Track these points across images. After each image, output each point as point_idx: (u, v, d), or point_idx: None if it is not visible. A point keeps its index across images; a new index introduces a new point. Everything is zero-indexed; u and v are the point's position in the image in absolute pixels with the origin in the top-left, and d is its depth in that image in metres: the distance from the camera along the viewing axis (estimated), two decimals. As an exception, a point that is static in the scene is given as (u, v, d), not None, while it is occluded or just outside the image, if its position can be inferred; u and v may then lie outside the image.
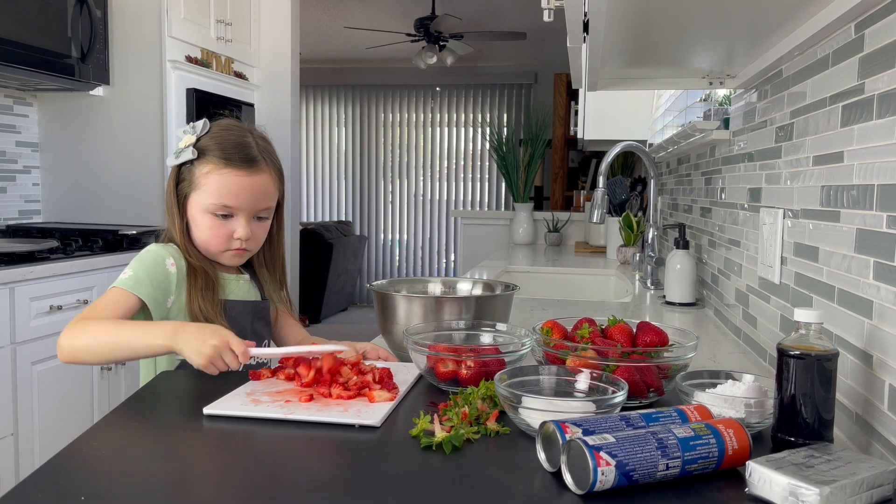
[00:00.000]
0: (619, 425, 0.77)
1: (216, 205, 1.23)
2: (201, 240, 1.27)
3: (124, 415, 0.94)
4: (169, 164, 1.26)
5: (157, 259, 1.23)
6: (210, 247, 1.27)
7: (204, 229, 1.25)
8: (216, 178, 1.23)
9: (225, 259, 1.29)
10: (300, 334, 1.44)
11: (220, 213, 1.24)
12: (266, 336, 1.36)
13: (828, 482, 0.66)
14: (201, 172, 1.24)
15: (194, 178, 1.24)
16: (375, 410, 0.92)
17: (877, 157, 0.87)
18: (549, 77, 6.78)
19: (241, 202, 1.24)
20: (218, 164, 1.23)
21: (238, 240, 1.25)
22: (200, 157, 1.24)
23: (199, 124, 1.27)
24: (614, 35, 1.22)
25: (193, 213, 1.26)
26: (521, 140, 4.91)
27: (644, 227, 2.64)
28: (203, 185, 1.24)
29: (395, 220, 7.79)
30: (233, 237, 1.25)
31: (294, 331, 1.44)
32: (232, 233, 1.25)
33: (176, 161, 1.25)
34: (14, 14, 2.38)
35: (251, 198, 1.25)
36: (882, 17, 0.86)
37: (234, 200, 1.24)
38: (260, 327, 1.33)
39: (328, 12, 5.87)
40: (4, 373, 2.12)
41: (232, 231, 1.25)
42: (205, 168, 1.24)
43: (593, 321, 1.09)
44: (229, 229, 1.25)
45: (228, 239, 1.26)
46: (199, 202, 1.25)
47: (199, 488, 0.73)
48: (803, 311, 0.82)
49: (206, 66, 3.20)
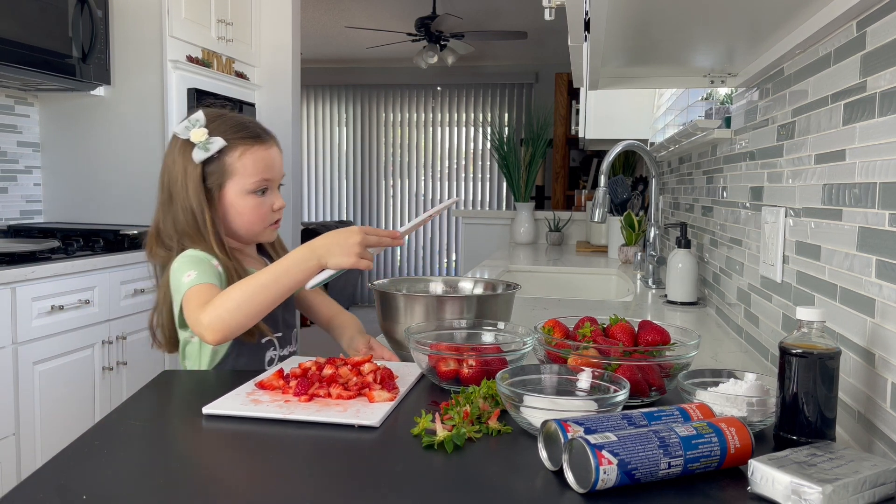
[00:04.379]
0: (621, 424, 0.77)
1: (257, 182, 1.27)
2: (245, 223, 1.29)
3: (125, 414, 0.94)
4: (197, 159, 1.24)
5: (204, 258, 1.22)
6: (255, 227, 1.30)
7: (248, 212, 1.27)
8: (251, 157, 1.26)
9: (267, 235, 1.33)
10: (325, 300, 1.49)
11: (260, 190, 1.28)
12: (292, 323, 1.39)
13: (830, 480, 0.66)
14: (233, 158, 1.25)
15: (226, 166, 1.25)
16: (375, 410, 0.92)
17: (879, 155, 0.86)
18: (550, 76, 6.78)
19: (273, 173, 1.29)
20: (246, 145, 1.26)
21: (277, 211, 1.31)
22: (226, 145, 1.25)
23: (198, 116, 1.27)
24: (615, 33, 1.22)
25: (232, 201, 1.27)
26: (522, 139, 4.91)
27: (645, 226, 2.64)
28: (239, 169, 1.26)
29: (395, 219, 7.79)
30: (272, 210, 1.30)
31: (319, 298, 1.49)
32: (271, 205, 1.30)
33: (206, 154, 1.24)
34: (15, 14, 2.39)
35: (279, 167, 1.31)
36: (884, 15, 0.86)
37: (270, 173, 1.28)
38: (288, 316, 1.37)
39: (329, 12, 5.87)
40: (6, 373, 2.12)
41: (271, 203, 1.30)
42: (235, 153, 1.25)
43: (595, 320, 1.09)
44: (269, 203, 1.30)
45: (269, 213, 1.30)
46: (238, 187, 1.26)
47: (198, 488, 0.73)
48: (805, 309, 0.82)
49: (207, 66, 3.20)
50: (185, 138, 1.25)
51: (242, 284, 1.12)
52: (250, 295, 1.10)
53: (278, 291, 1.12)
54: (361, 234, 1.09)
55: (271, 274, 1.12)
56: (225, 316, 1.09)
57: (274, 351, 1.31)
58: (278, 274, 1.11)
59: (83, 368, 2.43)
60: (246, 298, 1.10)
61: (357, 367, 1.04)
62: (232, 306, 1.10)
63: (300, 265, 1.11)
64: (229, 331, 1.11)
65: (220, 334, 1.10)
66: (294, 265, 1.11)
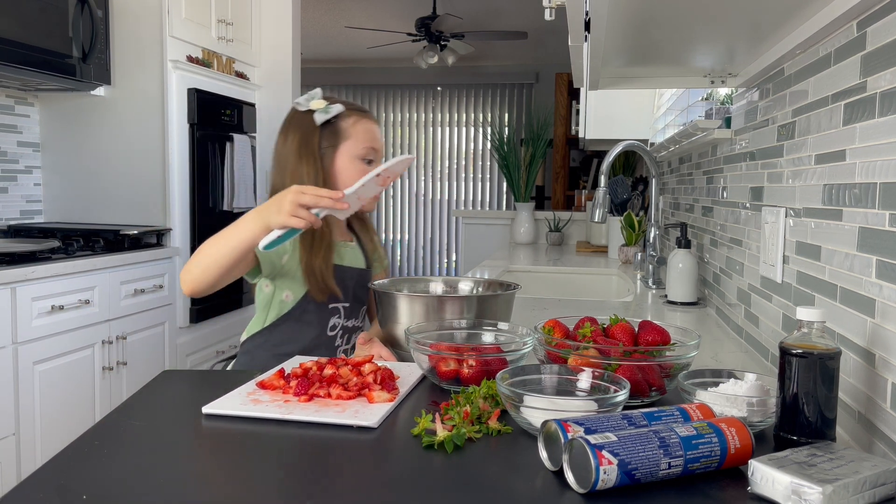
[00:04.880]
0: (622, 424, 0.77)
1: (367, 149, 1.40)
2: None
3: (125, 414, 0.94)
4: (319, 121, 1.38)
5: None
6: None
7: (357, 175, 1.35)
8: (363, 126, 1.41)
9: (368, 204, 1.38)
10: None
11: (367, 159, 1.41)
12: (363, 299, 1.48)
13: (830, 481, 0.66)
14: (348, 124, 1.40)
15: (342, 130, 1.40)
16: (374, 411, 0.92)
17: (879, 156, 0.86)
18: (550, 76, 6.78)
19: (379, 146, 1.44)
20: (359, 115, 1.42)
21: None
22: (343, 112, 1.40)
23: (315, 91, 1.43)
24: (616, 33, 1.22)
25: (342, 164, 1.39)
26: (522, 139, 4.91)
27: (645, 226, 2.64)
28: (353, 134, 1.40)
29: (396, 219, 7.79)
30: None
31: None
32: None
33: (326, 116, 1.38)
34: (15, 14, 2.39)
35: (382, 144, 1.46)
36: (884, 15, 0.86)
37: (377, 143, 1.43)
38: (362, 293, 1.48)
39: (329, 12, 5.87)
40: (6, 373, 2.12)
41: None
42: (350, 119, 1.41)
43: (595, 320, 1.09)
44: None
45: None
46: (350, 151, 1.39)
47: (198, 487, 0.73)
48: (805, 309, 0.82)
49: (207, 66, 3.20)
50: (304, 109, 1.40)
51: (206, 246, 1.22)
52: (206, 251, 1.21)
53: (227, 247, 1.19)
54: (295, 193, 1.13)
55: (223, 232, 1.21)
56: (190, 269, 1.22)
57: (338, 318, 1.40)
58: (229, 232, 1.20)
59: (83, 368, 2.43)
60: (203, 255, 1.21)
61: (357, 367, 1.04)
62: (193, 262, 1.22)
63: (246, 223, 1.18)
64: (194, 283, 1.22)
65: (187, 286, 1.23)
66: (241, 223, 1.19)
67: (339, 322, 1.41)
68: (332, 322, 1.40)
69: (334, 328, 1.39)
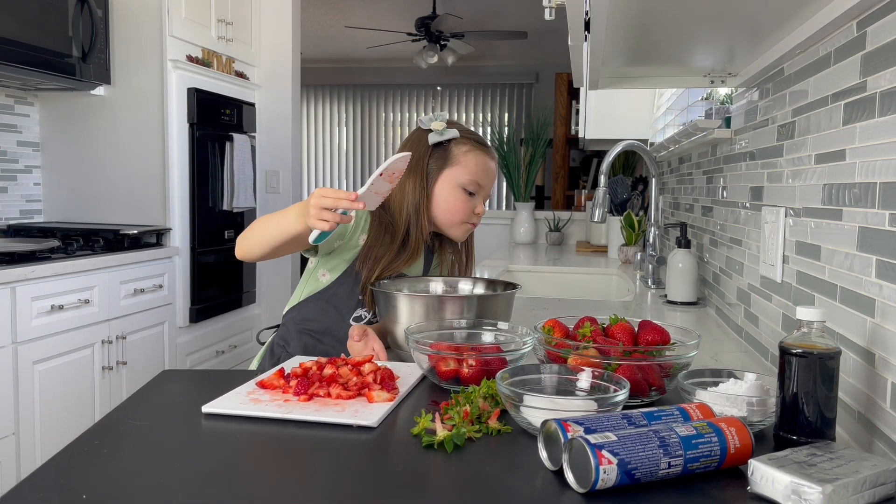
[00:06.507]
0: (621, 424, 0.77)
1: (471, 181, 1.41)
2: (446, 211, 1.42)
3: (125, 414, 0.94)
4: (431, 141, 1.41)
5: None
6: (454, 217, 1.42)
7: (453, 201, 1.41)
8: (474, 157, 1.41)
9: (458, 231, 1.45)
10: None
11: (470, 190, 1.41)
12: None
13: (830, 480, 0.66)
14: (460, 151, 1.41)
15: (452, 155, 1.41)
16: (373, 411, 0.92)
17: (879, 155, 0.86)
18: (549, 76, 6.78)
19: (486, 182, 1.43)
20: (475, 146, 1.42)
21: (477, 215, 1.44)
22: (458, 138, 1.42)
23: (443, 113, 1.46)
24: (616, 33, 1.22)
25: (442, 187, 1.41)
26: (522, 139, 4.91)
27: (645, 226, 2.64)
28: (462, 162, 1.41)
29: (396, 219, 7.77)
30: (473, 212, 1.43)
31: None
32: (473, 208, 1.43)
33: (439, 138, 1.41)
34: (15, 14, 2.38)
35: (492, 180, 1.45)
36: (884, 15, 0.86)
37: (484, 179, 1.42)
38: None
39: (329, 12, 5.87)
40: (6, 372, 2.12)
41: (473, 207, 1.43)
42: (464, 147, 1.41)
43: (595, 320, 1.09)
44: (472, 205, 1.42)
45: (470, 214, 1.43)
46: (454, 177, 1.40)
47: (198, 487, 0.73)
48: (805, 309, 0.82)
49: (206, 66, 3.20)
50: (425, 128, 1.43)
51: (260, 218, 1.29)
52: (257, 227, 1.28)
53: (275, 230, 1.24)
54: (317, 196, 1.15)
55: (275, 215, 1.26)
56: (244, 238, 1.30)
57: (362, 310, 1.40)
58: (276, 218, 1.25)
59: (83, 368, 2.43)
60: (255, 230, 1.28)
61: (357, 367, 1.04)
62: (247, 233, 1.29)
63: (292, 215, 1.22)
64: (243, 252, 1.30)
65: (238, 253, 1.31)
66: (289, 213, 1.23)
67: (364, 314, 1.42)
68: (358, 313, 1.41)
69: (359, 319, 1.40)
